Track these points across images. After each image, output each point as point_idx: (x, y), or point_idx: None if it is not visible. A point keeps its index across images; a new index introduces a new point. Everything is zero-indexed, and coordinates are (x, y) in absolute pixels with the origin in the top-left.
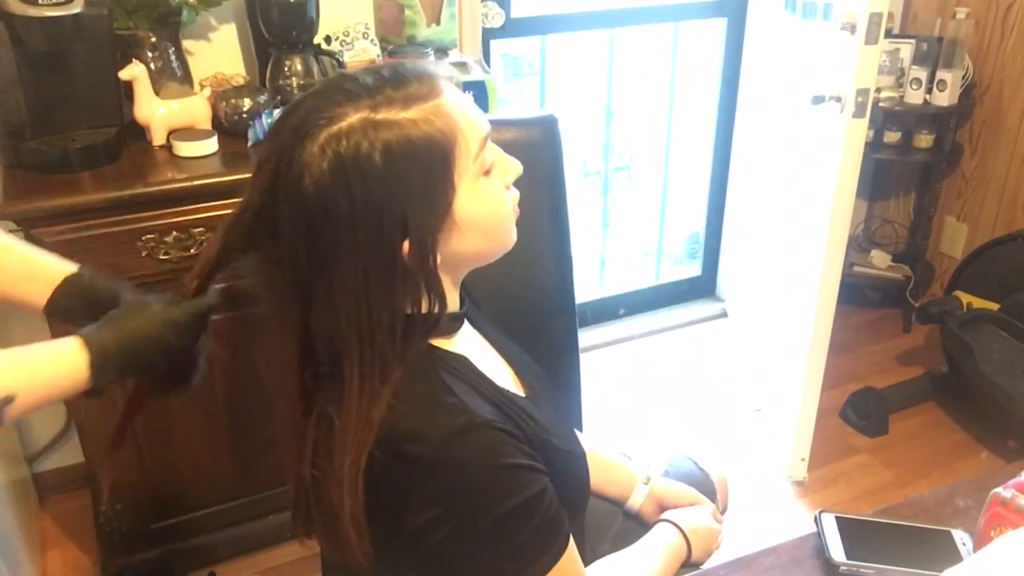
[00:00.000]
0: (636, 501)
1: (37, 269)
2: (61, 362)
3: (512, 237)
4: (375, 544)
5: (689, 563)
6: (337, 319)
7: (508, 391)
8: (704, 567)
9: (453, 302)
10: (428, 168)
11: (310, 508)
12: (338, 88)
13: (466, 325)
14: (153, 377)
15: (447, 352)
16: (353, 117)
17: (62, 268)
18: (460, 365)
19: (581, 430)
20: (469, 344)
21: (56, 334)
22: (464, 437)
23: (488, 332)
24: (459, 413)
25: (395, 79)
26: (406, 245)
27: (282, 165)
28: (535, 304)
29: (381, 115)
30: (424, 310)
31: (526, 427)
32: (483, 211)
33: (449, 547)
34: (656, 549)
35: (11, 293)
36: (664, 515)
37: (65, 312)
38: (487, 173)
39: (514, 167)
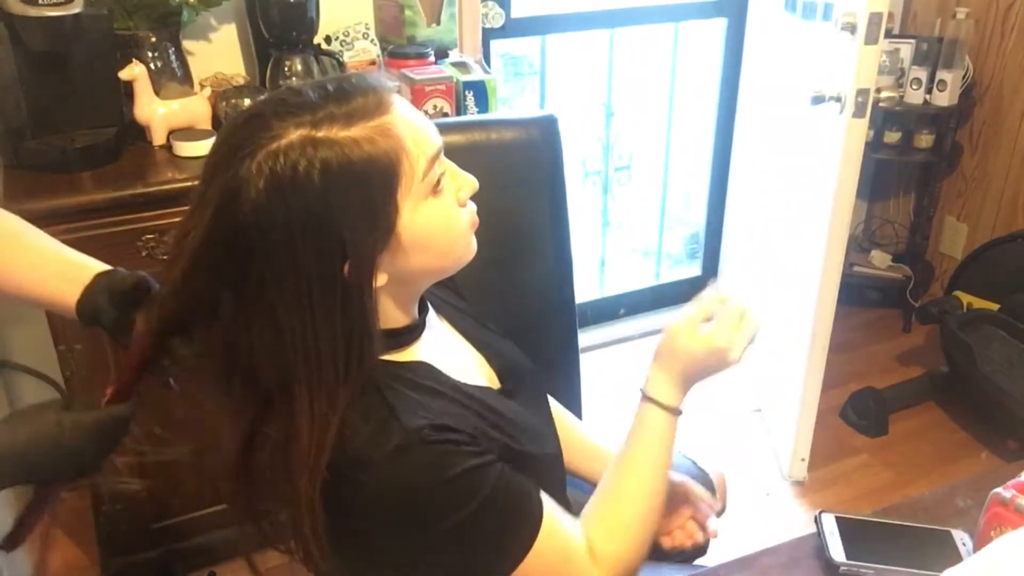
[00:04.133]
0: None
1: (72, 269)
2: None
3: (470, 251)
4: (343, 558)
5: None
6: (282, 343)
7: (473, 388)
8: (704, 567)
9: (411, 314)
10: (367, 189)
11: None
12: (281, 103)
13: (432, 325)
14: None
15: (400, 364)
16: (293, 135)
17: (98, 268)
18: (414, 374)
19: None
20: (432, 348)
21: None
22: (404, 457)
23: (465, 326)
24: (394, 433)
25: (339, 94)
26: (347, 266)
27: (224, 186)
28: (535, 304)
29: (322, 133)
30: (368, 330)
31: (485, 422)
32: (431, 231)
33: (417, 560)
34: (631, 458)
35: (46, 293)
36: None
37: (95, 313)
38: (436, 192)
39: (468, 184)
